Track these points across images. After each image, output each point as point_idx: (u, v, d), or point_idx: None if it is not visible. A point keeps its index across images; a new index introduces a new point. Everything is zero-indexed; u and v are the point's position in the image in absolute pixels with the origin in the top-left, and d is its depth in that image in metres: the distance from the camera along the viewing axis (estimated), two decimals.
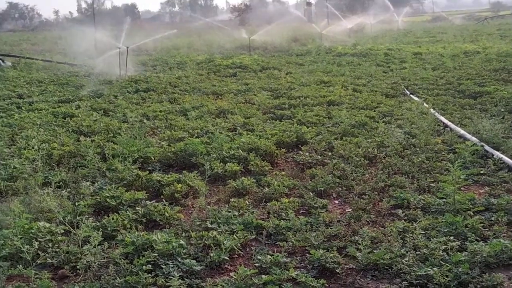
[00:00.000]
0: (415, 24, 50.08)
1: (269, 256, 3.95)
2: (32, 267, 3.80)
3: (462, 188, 5.35)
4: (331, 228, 4.44)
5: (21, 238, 3.99)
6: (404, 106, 9.58)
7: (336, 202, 5.29)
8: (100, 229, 4.32)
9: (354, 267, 3.91)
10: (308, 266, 3.92)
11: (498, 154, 6.26)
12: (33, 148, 6.46)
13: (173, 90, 12.55)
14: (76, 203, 4.97)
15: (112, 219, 4.63)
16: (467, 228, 4.31)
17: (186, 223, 4.68)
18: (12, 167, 6.01)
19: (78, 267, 3.87)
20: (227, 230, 4.40)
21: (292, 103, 10.16)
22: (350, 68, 16.01)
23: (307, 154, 6.66)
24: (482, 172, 5.84)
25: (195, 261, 3.92)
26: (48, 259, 4.01)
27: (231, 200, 5.19)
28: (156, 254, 3.91)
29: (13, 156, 6.60)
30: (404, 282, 3.62)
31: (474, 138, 6.88)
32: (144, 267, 3.73)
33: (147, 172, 5.99)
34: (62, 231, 4.39)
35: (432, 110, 8.81)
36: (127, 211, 4.82)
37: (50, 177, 5.66)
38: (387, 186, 5.47)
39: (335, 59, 18.96)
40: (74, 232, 4.25)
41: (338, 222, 4.65)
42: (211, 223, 4.57)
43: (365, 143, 7.02)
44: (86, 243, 4.02)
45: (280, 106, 10.04)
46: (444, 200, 4.93)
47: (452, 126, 7.80)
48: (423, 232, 4.26)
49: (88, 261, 3.85)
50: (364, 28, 40.15)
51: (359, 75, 14.28)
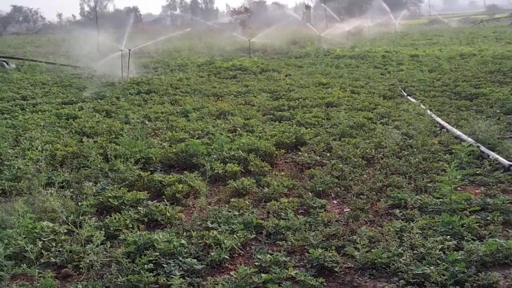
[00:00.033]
0: (412, 27, 50.12)
1: (268, 255, 3.95)
2: (35, 266, 3.79)
3: (459, 188, 5.35)
4: (329, 228, 4.44)
5: (25, 238, 3.99)
6: (401, 107, 9.58)
7: (335, 202, 5.29)
8: (103, 228, 4.33)
9: (352, 266, 3.91)
10: (307, 265, 3.92)
11: (493, 154, 6.26)
12: (36, 149, 6.46)
13: (174, 92, 12.55)
14: (79, 203, 4.96)
15: (115, 219, 4.63)
16: (464, 228, 4.31)
17: (187, 222, 4.68)
18: (16, 168, 6.01)
19: (81, 266, 3.88)
20: (227, 230, 4.40)
21: (291, 105, 10.16)
22: (348, 70, 16.01)
23: (306, 154, 6.66)
24: (478, 172, 5.84)
25: (196, 260, 3.92)
26: (51, 258, 4.01)
27: (231, 200, 5.20)
28: (157, 253, 3.92)
29: (17, 156, 6.59)
30: (402, 281, 3.62)
31: (470, 139, 6.88)
32: (146, 266, 3.73)
33: (149, 172, 6.00)
34: (65, 231, 4.40)
35: (428, 111, 8.82)
36: (129, 211, 4.82)
37: (53, 177, 5.66)
38: (385, 186, 5.47)
39: (333, 61, 18.97)
40: (77, 231, 4.24)
41: (336, 221, 4.65)
42: (212, 223, 4.57)
43: (363, 144, 7.03)
44: (89, 243, 4.02)
45: (279, 107, 10.04)
46: (440, 200, 4.93)
47: (449, 127, 7.80)
48: (420, 232, 4.26)
49: (91, 260, 3.86)
50: (362, 30, 40.20)
51: (357, 77, 14.28)
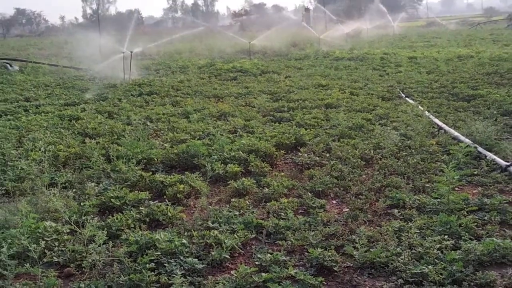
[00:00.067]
0: (410, 29, 50.10)
1: (268, 255, 3.94)
2: (39, 265, 3.79)
3: (456, 189, 5.34)
4: (329, 228, 4.43)
5: (28, 237, 3.98)
6: (400, 108, 9.57)
7: (334, 202, 5.29)
8: (105, 228, 4.32)
9: (351, 265, 3.90)
10: (306, 264, 3.91)
11: (491, 155, 6.25)
12: (39, 150, 6.46)
13: (175, 94, 12.55)
14: (82, 203, 4.96)
15: (117, 218, 4.62)
16: (461, 227, 4.31)
17: (188, 222, 4.67)
18: (19, 168, 6.01)
19: (83, 265, 3.87)
20: (228, 230, 4.39)
21: (291, 106, 10.15)
22: (347, 72, 16.01)
23: (306, 155, 6.66)
24: (475, 173, 5.83)
25: (197, 259, 3.91)
26: (54, 257, 4.00)
27: (232, 200, 5.19)
28: (159, 253, 3.91)
29: (20, 157, 6.59)
30: (400, 280, 3.62)
31: (467, 140, 6.87)
32: (147, 265, 3.73)
33: (150, 173, 5.99)
34: (68, 231, 4.40)
35: (426, 112, 8.81)
36: (131, 211, 4.82)
37: (56, 178, 5.66)
38: (383, 186, 5.47)
39: (332, 63, 18.96)
40: (80, 231, 4.24)
41: (335, 221, 4.65)
42: (213, 223, 4.57)
43: (362, 144, 7.02)
44: (91, 242, 4.01)
45: (279, 109, 10.03)
46: (438, 200, 4.92)
47: (446, 128, 7.79)
48: (418, 231, 4.25)
49: (93, 259, 3.85)
50: (360, 33, 40.22)
51: (356, 78, 14.27)
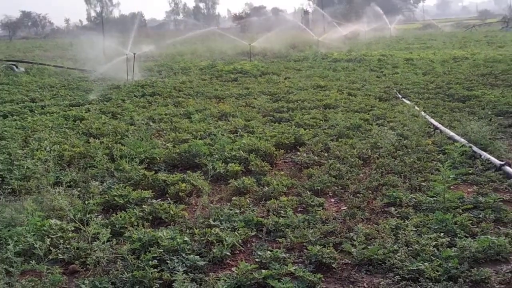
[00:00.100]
0: (407, 32, 50.07)
1: (268, 252, 3.94)
2: (44, 262, 3.79)
3: (452, 187, 5.34)
4: (327, 225, 4.43)
5: (34, 235, 3.99)
6: (397, 109, 9.57)
7: (332, 200, 5.29)
8: (109, 226, 4.33)
9: (349, 262, 3.90)
10: (305, 261, 3.91)
11: (485, 154, 6.25)
12: (45, 149, 6.46)
13: (177, 94, 12.55)
14: (86, 202, 4.97)
15: (120, 216, 4.63)
16: (456, 225, 4.31)
17: (190, 220, 4.68)
18: (25, 168, 6.01)
19: (88, 262, 3.87)
20: (228, 227, 4.40)
21: (290, 107, 10.16)
22: (345, 73, 16.00)
23: (305, 154, 6.66)
24: (470, 171, 5.83)
25: (198, 256, 3.91)
26: (59, 254, 4.00)
27: (232, 198, 5.20)
28: (161, 250, 3.91)
29: (26, 157, 6.59)
30: (397, 277, 3.62)
31: (462, 140, 6.87)
32: (150, 262, 3.73)
33: (153, 172, 5.99)
34: (73, 228, 4.39)
35: (423, 113, 8.81)
36: (134, 209, 4.81)
37: (61, 177, 5.65)
38: (381, 185, 5.47)
39: (331, 64, 18.95)
40: (84, 229, 4.24)
41: (334, 219, 4.65)
42: (214, 221, 4.57)
43: (359, 144, 7.02)
44: (95, 240, 4.01)
45: (279, 109, 10.03)
46: (434, 198, 4.93)
47: (442, 128, 7.80)
48: (414, 229, 4.25)
49: (97, 256, 3.85)
50: (358, 35, 40.25)
51: (353, 79, 14.27)
